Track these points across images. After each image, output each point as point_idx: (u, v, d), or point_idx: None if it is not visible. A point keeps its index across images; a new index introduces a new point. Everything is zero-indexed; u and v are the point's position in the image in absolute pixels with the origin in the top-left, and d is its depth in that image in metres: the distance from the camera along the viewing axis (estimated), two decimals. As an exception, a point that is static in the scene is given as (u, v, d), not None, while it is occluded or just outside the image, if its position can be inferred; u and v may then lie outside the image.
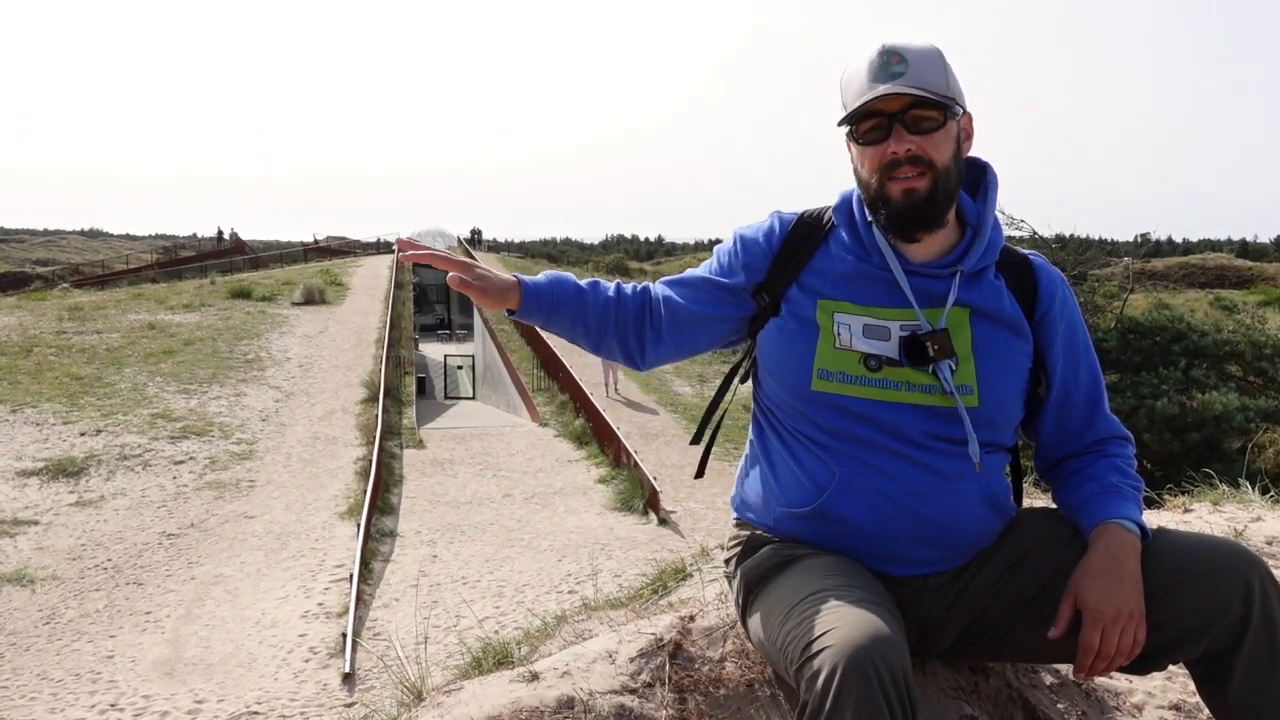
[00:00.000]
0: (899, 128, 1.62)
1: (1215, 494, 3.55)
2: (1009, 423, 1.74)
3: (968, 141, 1.71)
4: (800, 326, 1.73)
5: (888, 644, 1.37)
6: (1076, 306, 1.81)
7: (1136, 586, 1.55)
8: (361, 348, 22.82)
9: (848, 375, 1.68)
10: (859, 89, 1.64)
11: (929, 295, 1.70)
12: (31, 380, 17.89)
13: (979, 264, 1.71)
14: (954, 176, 1.66)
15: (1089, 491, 1.71)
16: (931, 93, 1.60)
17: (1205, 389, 12.42)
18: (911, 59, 1.62)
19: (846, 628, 1.39)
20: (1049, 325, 1.75)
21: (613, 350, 1.88)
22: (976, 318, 1.70)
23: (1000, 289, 1.73)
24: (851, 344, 1.68)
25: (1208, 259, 59.14)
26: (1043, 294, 1.75)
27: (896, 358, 1.67)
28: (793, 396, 1.72)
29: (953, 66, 1.66)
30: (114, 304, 26.94)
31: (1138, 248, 22.86)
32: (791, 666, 1.44)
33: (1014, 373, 1.72)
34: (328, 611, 9.28)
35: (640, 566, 8.93)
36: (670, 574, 3.28)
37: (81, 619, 9.19)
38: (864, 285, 1.72)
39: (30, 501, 12.27)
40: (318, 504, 12.77)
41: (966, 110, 1.69)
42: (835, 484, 1.67)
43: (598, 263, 62.01)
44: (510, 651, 2.44)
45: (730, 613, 2.01)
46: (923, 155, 1.62)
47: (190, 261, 53.25)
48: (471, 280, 1.72)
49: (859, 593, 1.52)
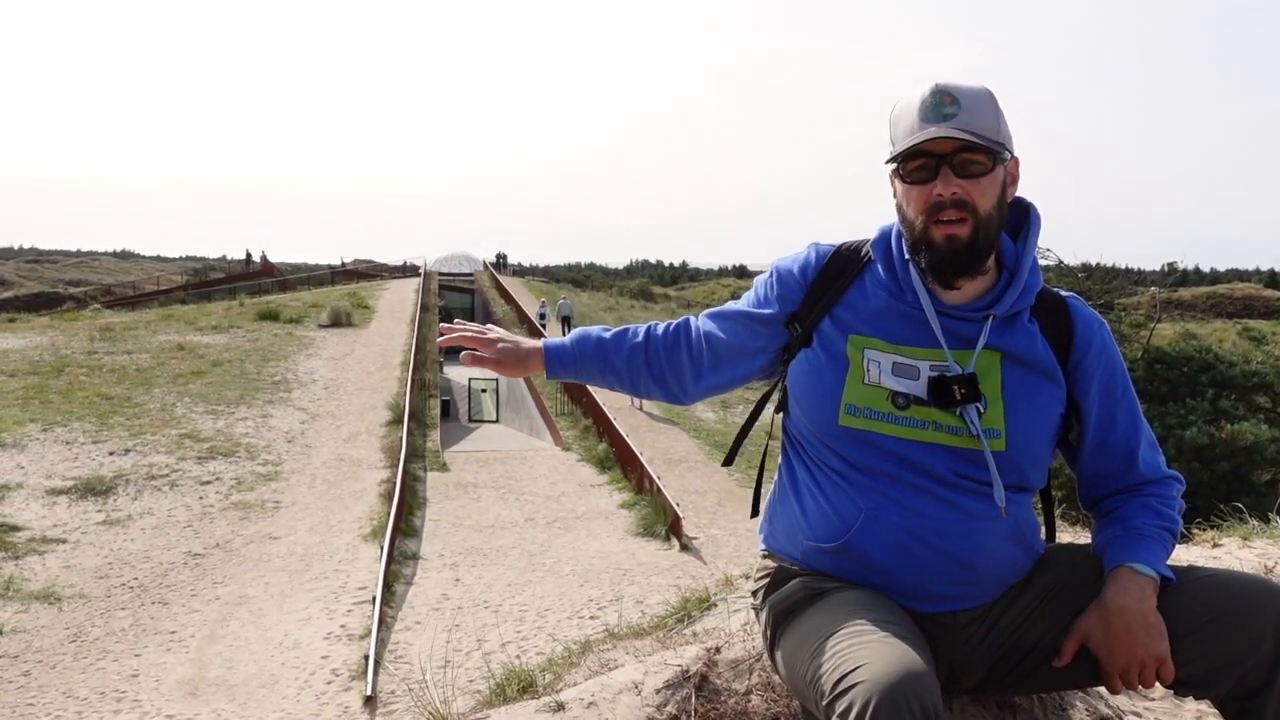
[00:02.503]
0: (946, 170, 1.61)
1: (1245, 529, 3.51)
2: (1037, 467, 1.73)
3: (1013, 186, 1.70)
4: (830, 360, 1.73)
5: (921, 679, 1.37)
6: (1116, 350, 1.79)
7: (1146, 630, 1.54)
8: (387, 370, 22.95)
9: (875, 412, 1.67)
10: (909, 127, 1.64)
11: (960, 337, 1.69)
12: (62, 399, 18.10)
13: (1013, 308, 1.70)
14: (996, 223, 1.66)
15: (1114, 533, 1.70)
16: (982, 137, 1.60)
17: (1234, 420, 12.26)
18: (964, 100, 1.61)
19: (880, 662, 1.39)
20: (1085, 370, 1.74)
21: (651, 390, 1.91)
22: (1008, 362, 1.69)
23: (1034, 333, 1.71)
24: (880, 381, 1.68)
25: (1235, 289, 58.60)
26: (1079, 339, 1.74)
27: (924, 397, 1.67)
28: (820, 429, 1.73)
29: (1003, 111, 1.66)
30: (144, 325, 27.26)
31: (1165, 277, 22.72)
32: (823, 700, 1.44)
33: (1044, 418, 1.70)
34: (350, 633, 9.30)
35: (663, 593, 8.91)
36: (694, 603, 3.28)
37: (107, 637, 9.26)
38: (896, 323, 1.71)
39: (59, 520, 12.40)
40: (342, 526, 12.82)
41: (1014, 155, 1.68)
42: (862, 520, 1.67)
43: (622, 287, 62.12)
44: (534, 679, 2.45)
45: (755, 645, 2.01)
46: (967, 200, 1.62)
47: (219, 283, 53.82)
48: (489, 355, 1.83)
49: (892, 627, 1.51)
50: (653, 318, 37.87)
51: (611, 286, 62.90)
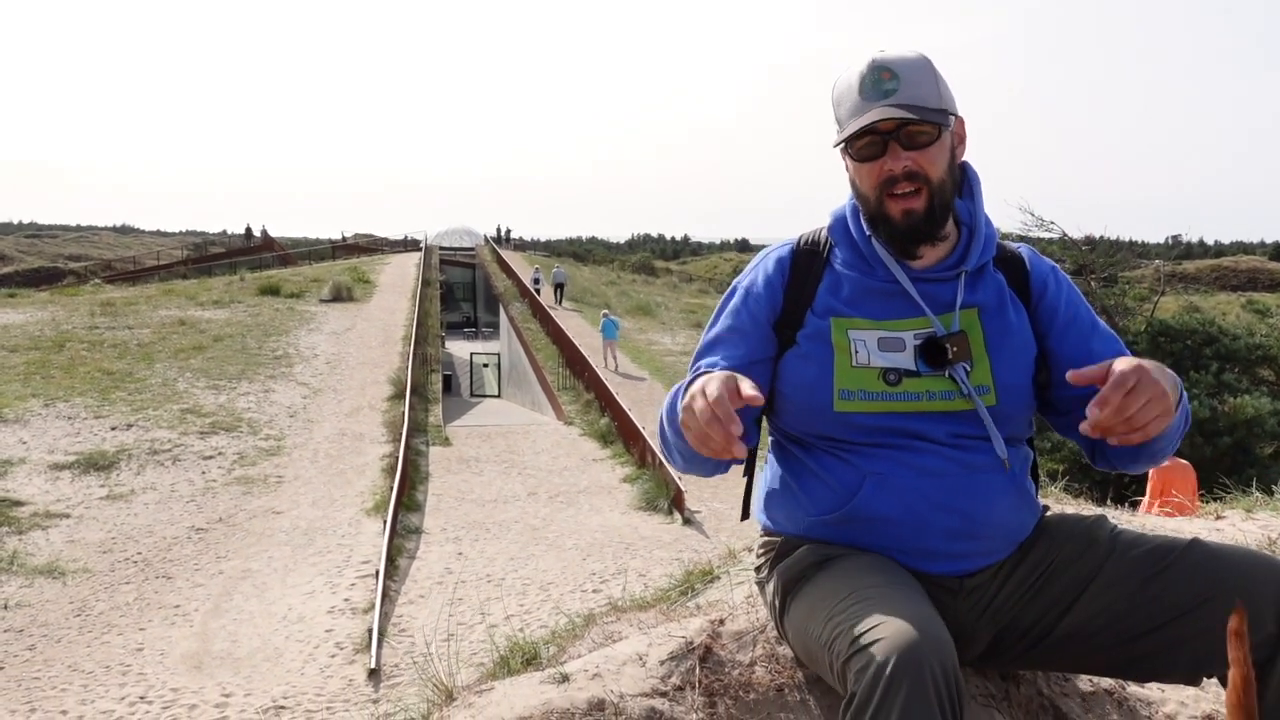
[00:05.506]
0: (894, 145, 1.63)
1: (1248, 501, 3.52)
2: (1025, 415, 1.75)
3: (961, 147, 1.72)
4: (816, 349, 1.72)
5: (938, 640, 1.38)
6: (1075, 289, 1.82)
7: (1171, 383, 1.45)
8: (389, 345, 22.95)
9: (868, 393, 1.68)
10: (851, 107, 1.65)
11: (937, 300, 1.71)
12: (64, 375, 18.12)
13: (979, 262, 1.73)
14: (949, 187, 1.68)
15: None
16: (924, 109, 1.61)
17: (1237, 393, 12.27)
18: (903, 74, 1.62)
19: (898, 621, 1.39)
20: (1047, 307, 1.76)
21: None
22: (984, 316, 1.72)
23: (1001, 283, 1.75)
24: (869, 361, 1.69)
25: (1240, 261, 58.49)
26: (1035, 280, 1.77)
27: (913, 368, 1.67)
28: (816, 419, 1.72)
29: (942, 73, 1.66)
30: (145, 300, 27.24)
31: (1169, 250, 22.66)
32: (838, 661, 1.44)
33: (1025, 365, 1.72)
34: (354, 607, 9.34)
35: (665, 566, 8.94)
36: (698, 576, 3.28)
37: (111, 611, 9.31)
38: (873, 300, 1.72)
39: (62, 495, 12.43)
40: (344, 500, 12.86)
41: (958, 115, 1.69)
42: (867, 484, 1.67)
43: (624, 262, 62.01)
44: (538, 651, 2.45)
45: (759, 617, 2.01)
46: (919, 171, 1.63)
47: (220, 258, 53.79)
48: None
49: (905, 589, 1.52)
50: (654, 292, 37.56)
51: (613, 261, 62.81)
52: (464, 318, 48.77)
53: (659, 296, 41.08)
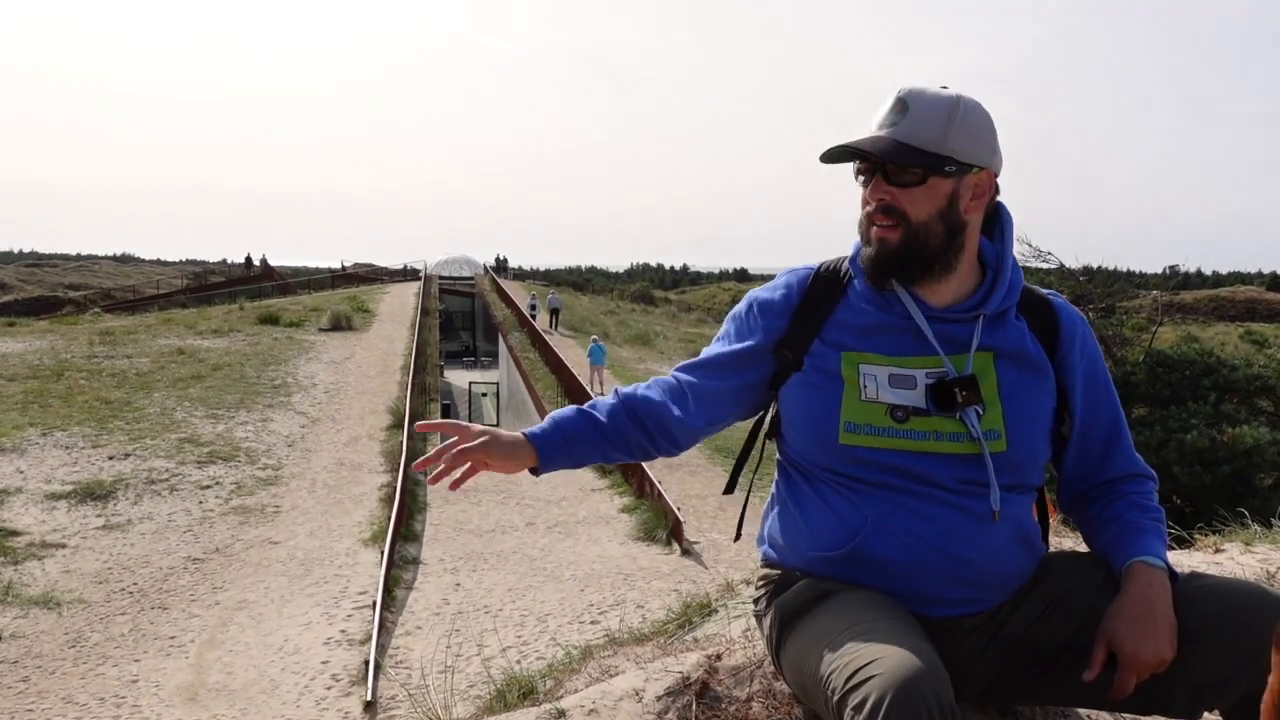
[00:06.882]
0: (879, 176, 1.64)
1: (1247, 534, 3.50)
2: (1036, 464, 1.73)
3: (975, 201, 1.67)
4: (824, 380, 1.72)
5: (936, 675, 1.37)
6: (1097, 346, 1.81)
7: (1171, 631, 1.53)
8: (387, 374, 22.94)
9: (875, 427, 1.66)
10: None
11: (953, 341, 1.69)
12: (62, 404, 18.08)
13: (1000, 306, 1.71)
14: (937, 235, 1.65)
15: (1114, 532, 1.70)
16: (905, 146, 1.61)
17: (1236, 423, 12.26)
18: (914, 110, 1.62)
19: (895, 657, 1.38)
20: (1070, 364, 1.75)
21: (647, 449, 1.83)
22: (1001, 361, 1.70)
23: (1022, 330, 1.72)
24: (878, 396, 1.67)
25: (1238, 292, 58.67)
26: (1064, 332, 1.75)
27: (923, 407, 1.66)
28: (820, 449, 1.71)
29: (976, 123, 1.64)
30: (144, 329, 27.26)
31: (1166, 280, 22.70)
32: (834, 696, 1.42)
33: (1040, 414, 1.71)
34: (350, 639, 9.28)
35: (664, 598, 8.89)
36: (695, 609, 3.27)
37: (107, 642, 9.24)
38: (887, 336, 1.71)
39: (58, 524, 12.37)
40: (342, 530, 12.81)
41: (979, 167, 1.66)
42: (869, 526, 1.66)
43: (622, 291, 62.14)
44: (534, 685, 2.44)
45: (757, 651, 2.00)
46: (895, 207, 1.63)
47: (220, 287, 53.87)
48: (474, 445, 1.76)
49: (902, 625, 1.51)
50: (653, 321, 37.65)
51: (612, 290, 62.94)
52: (463, 347, 48.85)
53: (658, 325, 41.15)
